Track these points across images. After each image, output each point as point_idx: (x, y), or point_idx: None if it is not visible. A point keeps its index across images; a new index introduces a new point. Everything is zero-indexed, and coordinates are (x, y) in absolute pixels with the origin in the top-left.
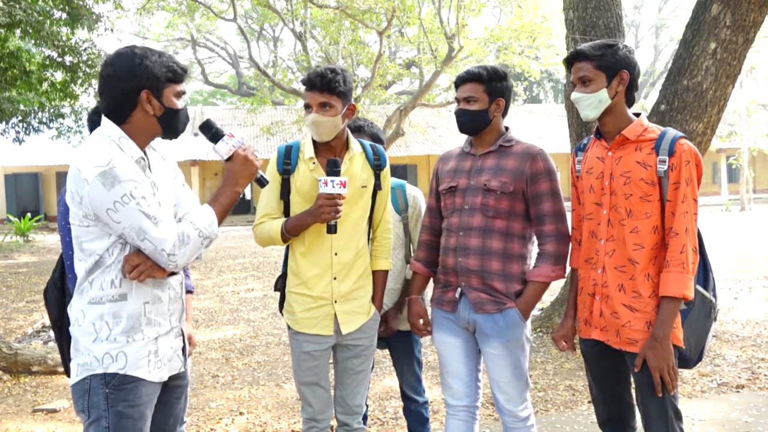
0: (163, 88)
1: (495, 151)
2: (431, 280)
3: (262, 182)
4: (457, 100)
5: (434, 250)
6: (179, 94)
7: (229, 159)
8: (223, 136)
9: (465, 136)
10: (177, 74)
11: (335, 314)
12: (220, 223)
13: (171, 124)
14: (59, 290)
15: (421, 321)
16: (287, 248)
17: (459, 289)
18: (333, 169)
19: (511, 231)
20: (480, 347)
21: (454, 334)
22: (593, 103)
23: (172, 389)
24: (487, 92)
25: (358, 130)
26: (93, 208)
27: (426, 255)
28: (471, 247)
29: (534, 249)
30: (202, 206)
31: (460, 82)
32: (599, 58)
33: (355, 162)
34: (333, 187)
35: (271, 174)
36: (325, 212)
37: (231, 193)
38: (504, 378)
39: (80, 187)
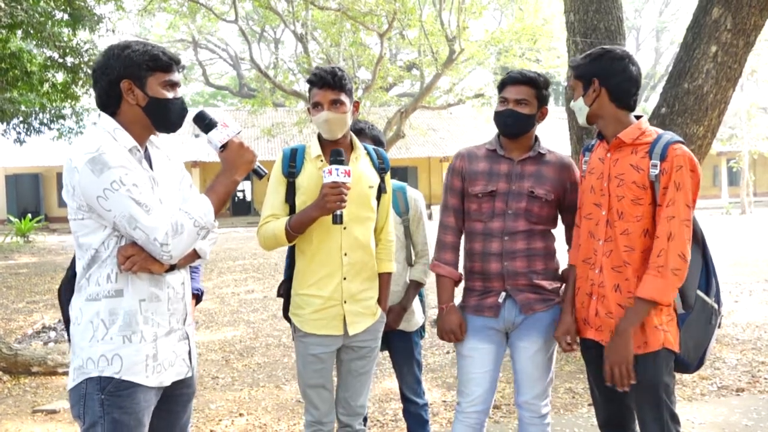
0: (146, 77)
1: (534, 157)
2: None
3: (259, 173)
4: (504, 100)
5: (457, 251)
6: (168, 84)
7: (223, 149)
8: (216, 125)
9: (467, 138)
10: (160, 62)
11: (344, 315)
12: (217, 212)
13: (159, 115)
14: (72, 290)
15: (460, 327)
16: (291, 252)
17: (503, 293)
18: (337, 158)
19: (548, 232)
20: (513, 344)
21: (488, 340)
22: (577, 110)
23: (177, 397)
24: (537, 98)
25: (359, 132)
26: (85, 196)
27: (454, 257)
28: (518, 250)
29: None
30: (198, 196)
31: (512, 82)
32: (576, 69)
33: (361, 162)
34: (337, 175)
35: (276, 176)
36: (330, 201)
37: (228, 182)
38: (538, 372)
39: (71, 176)
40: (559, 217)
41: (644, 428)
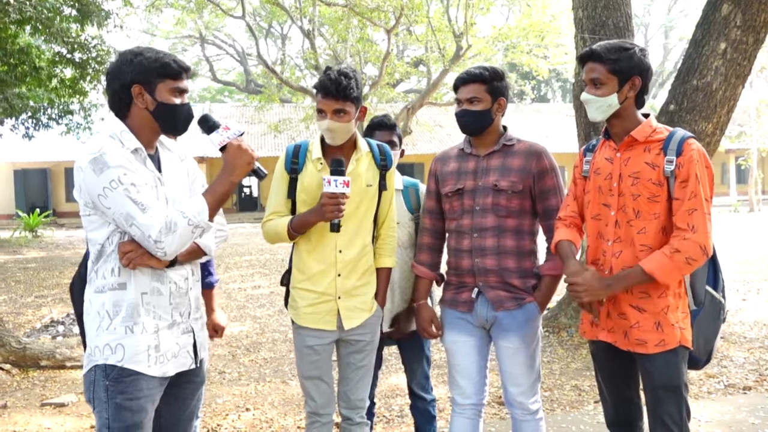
0: (156, 83)
1: (499, 150)
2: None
3: (259, 174)
4: (458, 101)
5: (436, 252)
6: (176, 91)
7: (223, 150)
8: (218, 127)
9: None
10: (169, 69)
11: (338, 310)
12: (214, 212)
13: (166, 120)
14: (85, 284)
15: (433, 326)
16: (294, 245)
17: (476, 289)
18: (337, 169)
19: (522, 228)
20: (495, 342)
21: (467, 333)
22: (602, 106)
23: (185, 386)
24: (489, 92)
25: (391, 128)
26: (89, 194)
27: (429, 258)
28: (487, 248)
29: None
30: (195, 196)
31: (460, 83)
32: (614, 62)
33: (362, 162)
34: (336, 186)
35: (279, 172)
36: (328, 211)
37: (226, 182)
38: (519, 370)
39: (78, 175)
40: None
41: (661, 425)
